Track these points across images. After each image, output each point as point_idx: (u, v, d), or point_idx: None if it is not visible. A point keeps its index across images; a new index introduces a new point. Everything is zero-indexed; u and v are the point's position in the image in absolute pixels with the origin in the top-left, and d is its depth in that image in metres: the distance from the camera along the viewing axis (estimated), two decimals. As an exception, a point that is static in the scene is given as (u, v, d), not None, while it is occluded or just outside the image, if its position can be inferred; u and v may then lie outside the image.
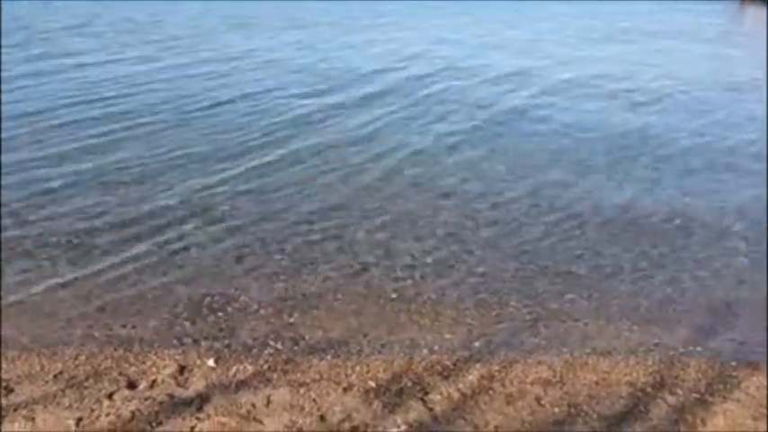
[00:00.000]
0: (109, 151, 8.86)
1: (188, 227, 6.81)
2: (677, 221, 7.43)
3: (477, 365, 4.72)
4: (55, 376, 4.43)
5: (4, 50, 14.76)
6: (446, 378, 4.56)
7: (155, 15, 20.69)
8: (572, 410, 4.26)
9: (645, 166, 9.21)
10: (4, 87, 11.69)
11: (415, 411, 4.18)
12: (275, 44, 17.03)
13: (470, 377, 4.57)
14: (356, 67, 14.54)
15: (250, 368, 4.60)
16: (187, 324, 5.17)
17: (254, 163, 8.63)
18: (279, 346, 4.91)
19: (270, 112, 10.98)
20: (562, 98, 12.77)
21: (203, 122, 10.24)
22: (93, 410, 4.09)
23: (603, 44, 19.23)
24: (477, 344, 5.04)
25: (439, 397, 4.34)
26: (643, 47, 19.03)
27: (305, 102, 11.64)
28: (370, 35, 18.89)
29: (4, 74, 12.64)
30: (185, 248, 6.37)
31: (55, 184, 7.73)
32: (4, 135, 9.22)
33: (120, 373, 4.50)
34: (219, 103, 11.29)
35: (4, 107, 10.54)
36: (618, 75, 14.97)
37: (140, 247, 6.35)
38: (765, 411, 4.32)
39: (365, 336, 5.11)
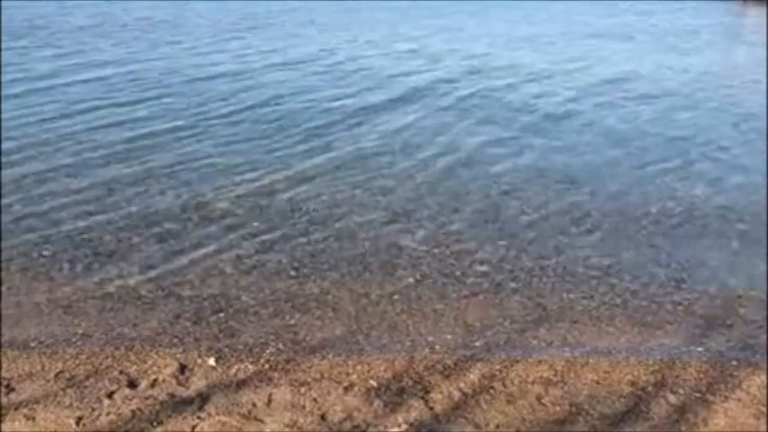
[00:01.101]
0: (120, 154, 8.90)
1: (190, 226, 6.82)
2: (679, 220, 7.44)
3: (479, 364, 4.71)
4: (56, 375, 4.43)
5: (22, 51, 14.78)
6: (447, 377, 4.55)
7: (175, 15, 20.74)
8: (573, 410, 4.26)
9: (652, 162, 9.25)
10: (20, 90, 11.65)
11: (416, 410, 4.18)
12: (299, 46, 16.97)
13: (471, 376, 4.57)
14: (380, 69, 14.36)
15: (251, 367, 4.60)
16: (188, 323, 5.17)
17: (257, 164, 8.64)
18: (280, 345, 4.91)
19: (285, 117, 10.97)
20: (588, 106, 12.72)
21: (220, 129, 10.17)
22: (93, 409, 4.09)
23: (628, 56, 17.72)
24: (477, 343, 5.04)
25: (440, 396, 4.33)
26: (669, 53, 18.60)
27: (325, 106, 11.63)
28: (394, 38, 18.76)
29: (20, 75, 12.60)
30: (187, 248, 6.38)
31: (60, 185, 7.74)
32: (15, 140, 9.22)
33: (121, 372, 4.50)
34: (238, 110, 11.19)
35: (20, 111, 10.53)
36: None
37: (142, 247, 6.36)
38: (766, 411, 4.31)
39: (366, 335, 5.11)
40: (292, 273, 6.00)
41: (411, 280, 5.95)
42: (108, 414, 4.05)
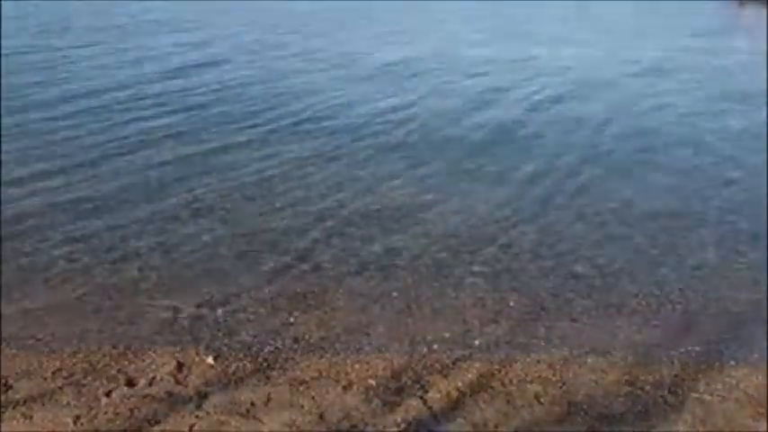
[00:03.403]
0: (120, 156, 8.87)
1: (189, 225, 6.81)
2: (678, 220, 7.44)
3: (477, 363, 4.71)
4: (53, 373, 4.42)
5: (53, 53, 14.73)
6: (445, 376, 4.55)
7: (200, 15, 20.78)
8: (571, 409, 4.26)
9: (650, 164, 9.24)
10: (46, 96, 11.55)
11: (415, 410, 4.18)
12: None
13: (470, 375, 4.57)
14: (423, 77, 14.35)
15: (249, 366, 4.59)
16: (186, 321, 5.16)
17: (258, 165, 8.62)
18: (278, 343, 4.90)
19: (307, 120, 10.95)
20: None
21: (225, 130, 10.08)
22: (91, 408, 4.08)
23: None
24: (476, 342, 5.04)
25: (438, 395, 4.33)
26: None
27: (346, 111, 11.61)
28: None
29: (46, 83, 12.49)
30: (185, 245, 6.36)
31: (58, 185, 7.72)
32: (21, 139, 9.20)
33: (119, 371, 4.49)
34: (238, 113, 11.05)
35: (45, 112, 10.50)
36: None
37: (140, 245, 6.35)
38: (764, 411, 4.32)
39: (365, 334, 5.10)
40: (291, 271, 5.99)
41: (410, 279, 5.95)
42: (106, 413, 4.04)
